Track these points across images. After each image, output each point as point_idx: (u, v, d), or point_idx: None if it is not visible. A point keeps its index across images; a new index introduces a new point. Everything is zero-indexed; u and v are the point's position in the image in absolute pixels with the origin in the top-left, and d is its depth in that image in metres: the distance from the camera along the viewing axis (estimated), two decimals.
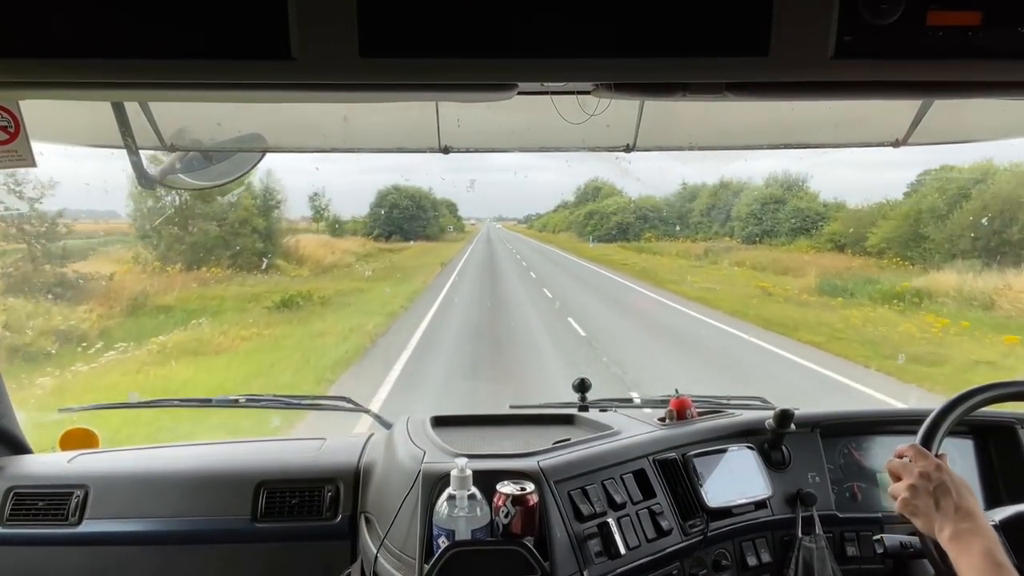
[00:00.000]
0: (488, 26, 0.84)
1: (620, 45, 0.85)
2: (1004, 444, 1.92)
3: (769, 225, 25.20)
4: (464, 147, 1.74)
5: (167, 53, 0.84)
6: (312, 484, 1.74)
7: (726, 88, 0.98)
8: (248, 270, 17.18)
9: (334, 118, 1.60)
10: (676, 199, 32.24)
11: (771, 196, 25.73)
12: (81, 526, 1.69)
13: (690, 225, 30.09)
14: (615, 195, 35.57)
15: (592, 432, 1.74)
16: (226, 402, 2.10)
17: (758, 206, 25.83)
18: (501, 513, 1.34)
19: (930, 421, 1.46)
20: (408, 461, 1.54)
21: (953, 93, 1.00)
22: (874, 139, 1.73)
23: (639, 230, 32.65)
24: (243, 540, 1.70)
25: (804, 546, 1.68)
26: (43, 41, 0.83)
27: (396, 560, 1.41)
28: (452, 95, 1.13)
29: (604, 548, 1.43)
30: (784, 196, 25.63)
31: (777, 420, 1.77)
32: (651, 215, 32.91)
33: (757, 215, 25.82)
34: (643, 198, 33.72)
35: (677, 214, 31.74)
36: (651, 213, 32.89)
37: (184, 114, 1.58)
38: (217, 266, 16.49)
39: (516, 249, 35.83)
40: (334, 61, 0.85)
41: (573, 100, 1.42)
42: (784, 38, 0.84)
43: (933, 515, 1.21)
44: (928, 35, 0.84)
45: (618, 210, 34.08)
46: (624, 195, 35.01)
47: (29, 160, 1.26)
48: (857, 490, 1.87)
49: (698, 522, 1.62)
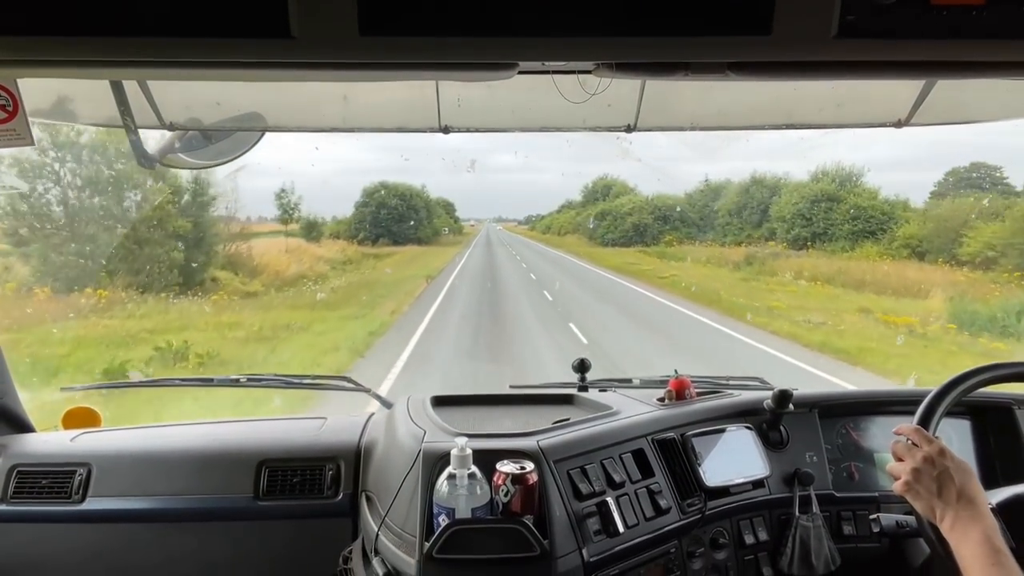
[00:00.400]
0: (489, 4, 0.83)
1: (622, 24, 0.84)
2: (1001, 424, 1.93)
3: (821, 227, 22.14)
4: (464, 127, 1.73)
5: (166, 31, 0.84)
6: (313, 463, 1.76)
7: (728, 68, 0.97)
8: (162, 289, 13.00)
9: (334, 97, 1.59)
10: (698, 197, 29.16)
11: (823, 193, 22.64)
12: (84, 504, 1.71)
13: (716, 227, 27.12)
14: (627, 193, 32.44)
15: (591, 412, 1.75)
16: (227, 381, 2.11)
17: (806, 204, 22.80)
18: (501, 492, 1.35)
19: (927, 402, 1.47)
20: (409, 440, 1.54)
21: (956, 73, 0.99)
22: (876, 119, 1.73)
23: (657, 232, 29.10)
24: (245, 518, 1.71)
25: (801, 525, 1.69)
26: (41, 18, 0.82)
27: (397, 538, 1.42)
28: (452, 74, 1.12)
29: (603, 526, 1.44)
30: (838, 193, 22.41)
31: (776, 400, 1.77)
32: (671, 215, 29.62)
33: (805, 215, 22.68)
34: (660, 196, 30.32)
35: (699, 214, 28.69)
36: (671, 213, 29.63)
37: (183, 93, 1.57)
38: (110, 286, 12.04)
39: (520, 256, 31.22)
40: (334, 39, 0.85)
41: (574, 79, 1.41)
42: (787, 17, 0.84)
43: (934, 500, 1.22)
44: (931, 14, 0.84)
45: (634, 209, 30.63)
46: (638, 193, 31.83)
47: (28, 139, 1.26)
48: (854, 470, 1.89)
49: (696, 501, 1.63)
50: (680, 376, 1.92)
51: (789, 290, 18.11)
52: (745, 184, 26.43)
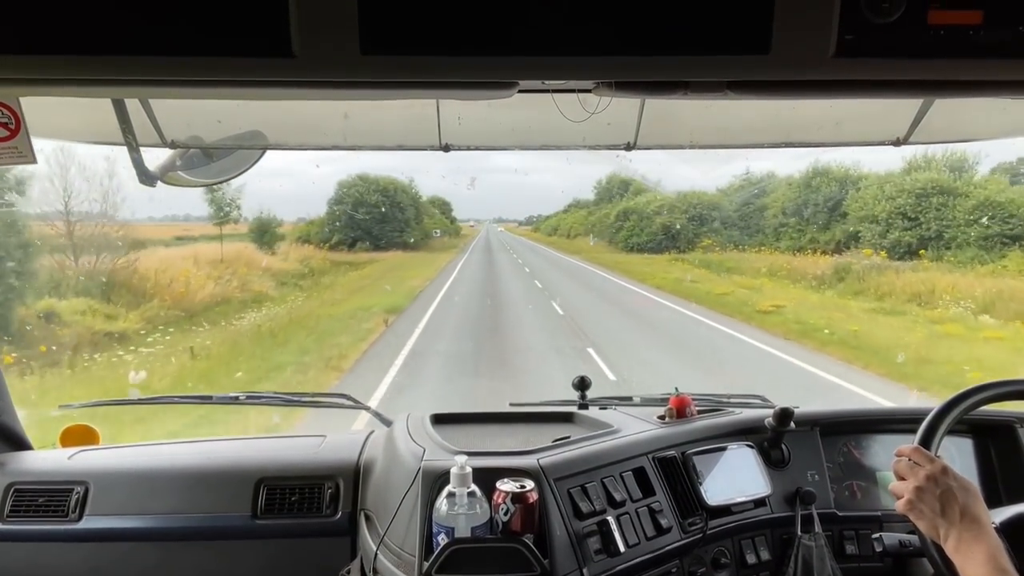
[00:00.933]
0: (489, 24, 0.84)
1: (621, 43, 0.85)
2: (1003, 443, 1.92)
3: (933, 229, 17.06)
4: (465, 145, 1.74)
5: (168, 50, 0.84)
6: (312, 481, 1.74)
7: (727, 87, 0.98)
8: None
9: (335, 115, 1.60)
10: (737, 194, 23.94)
11: (933, 184, 17.39)
12: (81, 522, 1.69)
13: (764, 229, 22.12)
14: (646, 191, 27.38)
15: (592, 430, 1.74)
16: (226, 399, 2.10)
17: (908, 200, 17.67)
18: (501, 511, 1.34)
19: (929, 421, 1.46)
20: (408, 458, 1.54)
21: (954, 92, 1.00)
22: (875, 138, 1.73)
23: (692, 235, 24.13)
24: (243, 537, 1.70)
25: (803, 544, 1.68)
26: (44, 38, 0.83)
27: (396, 557, 1.41)
28: (453, 93, 1.13)
29: (603, 546, 1.43)
30: (954, 185, 17.19)
31: (777, 418, 1.77)
32: (706, 215, 24.11)
33: (908, 213, 17.53)
34: (693, 193, 24.70)
35: (739, 214, 23.88)
36: (707, 212, 24.16)
37: (184, 111, 1.57)
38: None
39: (529, 265, 25.07)
40: (335, 59, 0.85)
41: (574, 98, 1.42)
42: (785, 37, 0.84)
43: (938, 520, 1.21)
44: (929, 34, 0.84)
45: (661, 208, 25.54)
46: (659, 190, 26.57)
47: (30, 157, 1.26)
48: (856, 488, 1.87)
49: (697, 520, 1.62)
50: (681, 394, 1.92)
51: (955, 330, 12.07)
52: (802, 176, 21.09)
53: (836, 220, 19.69)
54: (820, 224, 19.98)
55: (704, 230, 23.75)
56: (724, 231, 23.09)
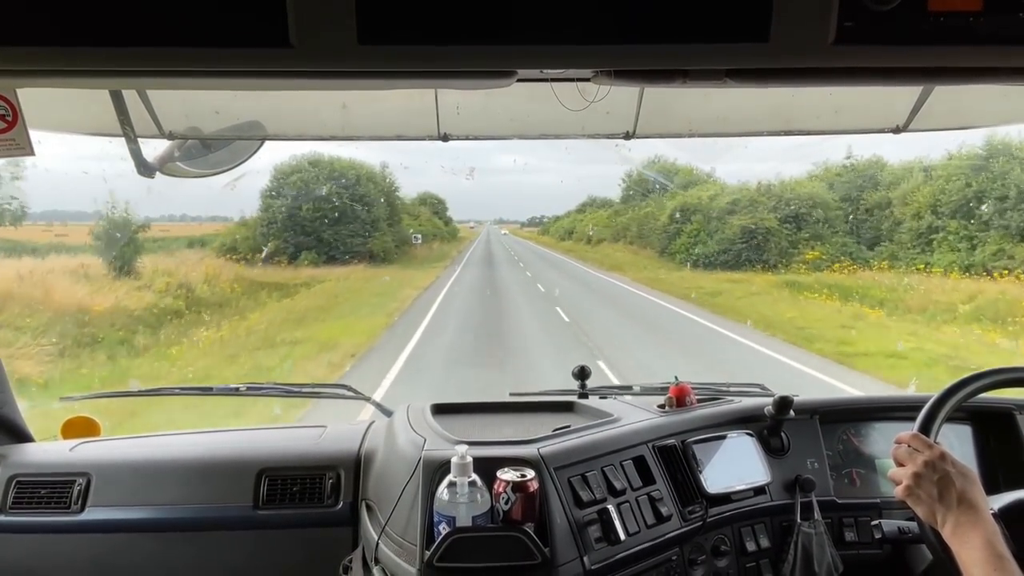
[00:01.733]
0: (487, 13, 0.84)
1: (620, 32, 0.84)
2: (1002, 430, 1.93)
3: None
4: (463, 134, 1.73)
5: (165, 41, 0.84)
6: (313, 471, 1.75)
7: (726, 75, 0.97)
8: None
9: (333, 106, 1.59)
10: (842, 186, 17.50)
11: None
12: (83, 514, 1.70)
13: (890, 235, 15.74)
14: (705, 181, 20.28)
15: (592, 419, 1.75)
16: (227, 390, 2.11)
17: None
18: (501, 500, 1.35)
19: (928, 408, 1.46)
20: (409, 448, 1.54)
21: (954, 79, 0.99)
22: (874, 125, 1.73)
23: (787, 244, 17.45)
24: (244, 527, 1.70)
25: (803, 531, 1.69)
26: (40, 28, 0.83)
27: (397, 546, 1.42)
28: (451, 82, 1.12)
29: (604, 534, 1.44)
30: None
31: (776, 407, 1.77)
32: (808, 214, 17.43)
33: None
34: (785, 183, 18.15)
35: (835, 211, 17.45)
36: (808, 211, 17.48)
37: (183, 102, 1.57)
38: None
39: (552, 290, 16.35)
40: (332, 48, 0.85)
41: (573, 87, 1.41)
42: (784, 24, 0.84)
43: (936, 505, 1.21)
44: (929, 20, 0.84)
45: (736, 204, 18.51)
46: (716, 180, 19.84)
47: (27, 148, 1.26)
48: (856, 476, 1.88)
49: (697, 508, 1.63)
50: (680, 383, 1.92)
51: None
52: (967, 157, 14.21)
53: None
54: (1016, 229, 13.16)
55: (804, 235, 17.58)
56: (832, 237, 17.07)
